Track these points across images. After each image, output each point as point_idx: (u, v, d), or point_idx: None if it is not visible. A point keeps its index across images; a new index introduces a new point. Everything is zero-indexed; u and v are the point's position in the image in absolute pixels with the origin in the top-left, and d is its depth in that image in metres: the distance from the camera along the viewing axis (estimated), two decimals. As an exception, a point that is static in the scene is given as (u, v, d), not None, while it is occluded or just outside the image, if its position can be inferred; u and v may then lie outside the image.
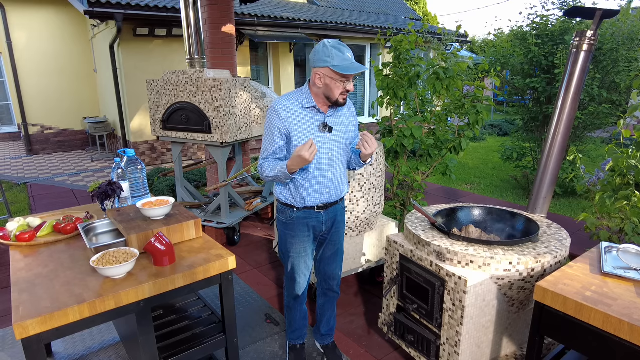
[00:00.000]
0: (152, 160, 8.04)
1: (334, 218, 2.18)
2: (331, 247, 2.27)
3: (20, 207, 5.53)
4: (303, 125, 1.97)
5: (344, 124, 2.07)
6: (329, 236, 2.23)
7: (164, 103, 3.94)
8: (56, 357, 2.50)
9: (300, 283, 2.25)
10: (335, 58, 1.81)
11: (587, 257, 1.80)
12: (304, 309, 2.38)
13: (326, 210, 2.12)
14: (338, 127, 2.03)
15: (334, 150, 2.02)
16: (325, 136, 1.99)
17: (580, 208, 5.25)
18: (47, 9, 8.99)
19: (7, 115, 11.12)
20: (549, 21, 5.40)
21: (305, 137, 1.96)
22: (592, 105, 5.11)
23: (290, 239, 2.14)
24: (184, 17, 3.86)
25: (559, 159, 2.54)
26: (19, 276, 1.66)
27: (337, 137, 2.03)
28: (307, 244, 2.16)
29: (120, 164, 2.28)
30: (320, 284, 2.38)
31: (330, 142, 2.01)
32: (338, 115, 2.05)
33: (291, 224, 2.11)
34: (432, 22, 20.34)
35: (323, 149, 1.99)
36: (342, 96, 1.93)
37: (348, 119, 2.10)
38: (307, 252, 2.18)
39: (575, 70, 2.41)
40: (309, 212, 2.09)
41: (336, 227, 2.22)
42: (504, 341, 2.15)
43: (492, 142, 10.10)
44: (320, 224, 2.14)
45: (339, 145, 2.04)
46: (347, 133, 2.08)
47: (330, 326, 2.45)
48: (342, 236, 2.29)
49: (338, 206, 2.19)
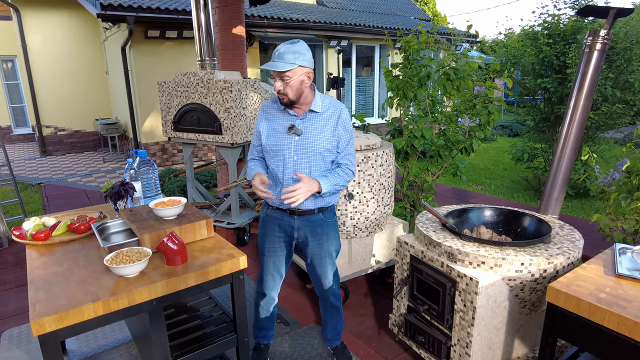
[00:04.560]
0: (163, 161, 8.12)
1: (310, 228, 2.11)
2: (317, 262, 2.21)
3: (34, 207, 5.62)
4: (274, 125, 2.03)
5: (317, 128, 1.99)
6: (309, 248, 2.17)
7: (175, 104, 3.98)
8: (70, 354, 2.54)
9: (266, 282, 2.25)
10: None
11: (601, 258, 1.78)
12: (271, 311, 2.35)
13: (300, 217, 2.08)
14: (310, 132, 1.98)
15: (300, 154, 1.98)
16: (292, 138, 1.98)
17: (592, 209, 5.18)
18: (60, 12, 9.13)
19: (22, 117, 11.34)
20: (561, 20, 5.35)
21: (272, 137, 2.02)
22: (605, 105, 5.04)
23: (263, 236, 2.19)
24: (194, 19, 3.89)
25: (571, 159, 2.51)
26: (36, 274, 1.69)
27: (306, 141, 1.98)
28: (278, 244, 2.17)
29: (132, 164, 2.30)
30: (317, 291, 2.35)
31: (298, 145, 1.98)
32: (314, 119, 1.99)
33: (265, 221, 2.18)
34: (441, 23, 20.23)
35: (289, 151, 1.99)
36: (278, 95, 1.92)
37: (326, 123, 2.00)
38: (277, 253, 2.18)
39: (588, 69, 2.39)
40: (282, 213, 2.11)
41: (317, 240, 2.14)
42: (515, 343, 2.13)
43: (502, 143, 10.02)
44: (291, 228, 2.12)
45: (308, 150, 1.98)
46: (318, 139, 1.98)
47: (336, 331, 2.42)
48: (328, 251, 2.19)
49: (316, 217, 2.10)
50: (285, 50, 1.84)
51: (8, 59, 10.72)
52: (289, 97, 1.91)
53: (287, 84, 1.87)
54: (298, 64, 1.85)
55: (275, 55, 1.85)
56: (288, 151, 1.99)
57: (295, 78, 1.87)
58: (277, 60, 1.83)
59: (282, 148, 2.00)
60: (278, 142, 2.01)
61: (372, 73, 11.42)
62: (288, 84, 1.87)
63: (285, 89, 1.88)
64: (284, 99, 1.92)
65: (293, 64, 1.84)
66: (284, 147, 1.99)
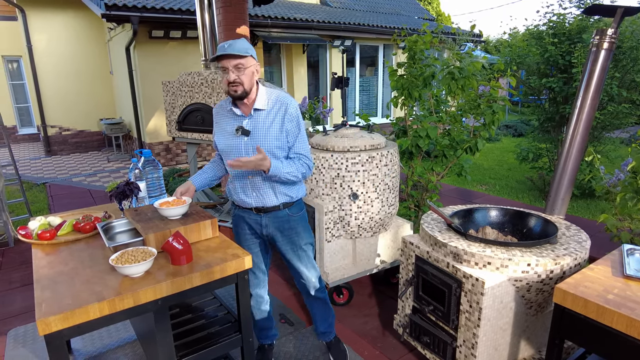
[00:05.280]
0: (167, 161, 8.14)
1: (277, 224, 2.11)
2: (289, 256, 2.20)
3: (39, 207, 5.65)
4: (223, 126, 2.03)
5: (265, 126, 1.96)
6: (280, 245, 2.17)
7: (180, 104, 3.98)
8: (75, 354, 2.55)
9: (250, 280, 2.25)
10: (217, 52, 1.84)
11: (608, 259, 1.76)
12: (265, 309, 2.36)
13: (266, 214, 2.08)
14: (258, 131, 1.96)
15: (251, 154, 1.96)
16: (241, 139, 1.97)
17: (598, 209, 5.14)
18: (65, 12, 9.17)
19: (27, 117, 11.40)
20: (566, 19, 5.31)
21: (222, 138, 2.04)
22: (611, 104, 5.01)
23: (237, 235, 2.22)
24: (199, 19, 3.90)
25: (577, 159, 2.49)
26: (41, 274, 1.70)
27: (255, 141, 1.96)
28: (251, 242, 2.19)
29: (137, 164, 2.31)
30: (298, 287, 2.35)
31: (247, 146, 1.96)
32: (260, 117, 1.96)
33: (235, 220, 2.20)
34: (445, 22, 20.18)
35: (239, 153, 1.98)
36: (230, 87, 1.87)
37: (273, 120, 1.96)
38: (252, 249, 2.20)
39: (595, 69, 2.37)
40: (248, 212, 2.13)
41: (287, 235, 2.13)
42: (521, 344, 2.12)
43: (507, 143, 9.98)
44: (259, 226, 2.12)
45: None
46: (267, 137, 1.95)
47: (327, 323, 2.41)
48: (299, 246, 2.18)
49: (281, 212, 2.09)
50: (232, 42, 1.82)
51: (13, 59, 10.78)
52: (244, 87, 1.87)
53: (243, 73, 1.84)
54: (250, 54, 1.85)
55: (224, 47, 1.81)
56: (238, 152, 1.98)
57: (249, 68, 1.86)
58: (229, 49, 1.79)
59: (232, 150, 1.99)
60: (228, 144, 2.01)
61: (376, 73, 11.40)
62: (243, 73, 1.84)
63: (240, 77, 1.84)
64: (238, 90, 1.86)
65: (246, 52, 1.83)
66: (234, 149, 1.99)
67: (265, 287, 2.34)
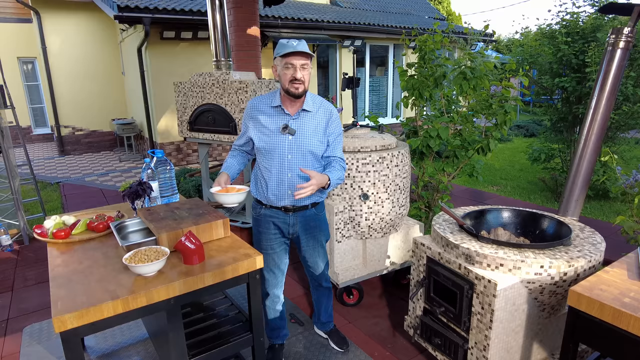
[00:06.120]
0: (178, 161, 8.20)
1: (305, 223, 2.17)
2: (310, 253, 2.28)
3: (53, 206, 5.73)
4: (267, 124, 2.02)
5: (310, 127, 2.03)
6: (303, 241, 2.23)
7: (191, 105, 4.01)
8: (89, 351, 2.58)
9: (268, 280, 2.29)
10: (279, 48, 1.88)
11: (624, 262, 1.74)
12: (279, 309, 2.39)
13: (294, 214, 2.13)
14: (303, 131, 2.01)
15: (294, 152, 2.01)
16: (286, 138, 2.00)
17: (613, 211, 5.06)
18: (79, 14, 9.30)
19: (41, 117, 11.58)
20: (580, 18, 5.24)
21: (263, 136, 2.02)
22: (626, 104, 4.92)
23: (259, 235, 2.21)
24: (210, 20, 3.92)
25: (592, 160, 2.46)
26: (57, 272, 1.72)
27: (300, 140, 2.01)
28: (275, 242, 2.20)
29: (150, 164, 2.33)
30: (310, 280, 2.47)
31: (292, 144, 2.01)
32: (306, 118, 2.03)
33: (259, 220, 2.19)
34: (456, 22, 20.03)
35: (283, 151, 2.01)
36: (292, 85, 1.90)
37: (318, 123, 2.04)
38: (274, 249, 2.22)
39: (610, 68, 2.33)
40: (276, 211, 2.13)
41: (311, 233, 2.21)
42: (534, 347, 2.09)
43: (518, 143, 9.87)
44: (286, 225, 2.16)
45: (302, 149, 2.02)
46: (312, 137, 2.02)
47: (328, 314, 2.56)
48: (321, 241, 2.29)
49: (309, 212, 2.16)
50: (300, 42, 1.87)
51: (28, 60, 10.96)
52: (305, 87, 1.93)
53: (307, 73, 1.91)
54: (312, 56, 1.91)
55: (293, 44, 1.85)
56: (282, 150, 2.01)
57: (310, 70, 1.93)
58: (300, 47, 1.84)
59: (276, 147, 2.01)
60: (272, 141, 2.02)
61: (386, 73, 11.36)
62: (307, 73, 1.91)
63: (304, 76, 1.90)
64: (300, 88, 1.92)
65: (312, 54, 1.89)
66: (278, 147, 2.01)
67: (282, 287, 2.37)
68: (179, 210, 2.12)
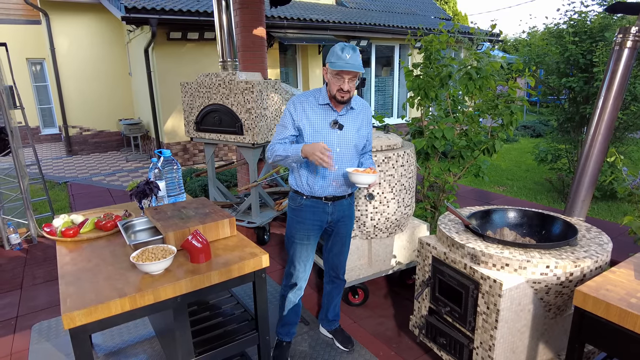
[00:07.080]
0: (184, 161, 8.25)
1: (341, 212, 2.29)
2: (338, 240, 2.39)
3: (61, 205, 5.79)
4: (316, 120, 2.12)
5: (356, 124, 2.19)
6: (335, 228, 2.34)
7: (198, 105, 4.04)
8: (96, 349, 2.61)
9: (298, 271, 2.33)
10: (332, 56, 1.96)
11: (631, 262, 1.73)
12: (298, 304, 2.42)
13: (333, 203, 2.24)
14: (349, 126, 2.16)
15: (342, 146, 2.15)
16: (335, 132, 2.13)
17: (620, 212, 5.02)
18: (87, 16, 9.39)
19: (50, 117, 11.70)
20: (588, 17, 5.20)
21: (316, 131, 2.11)
22: (634, 104, 4.88)
23: (297, 224, 2.26)
24: (217, 21, 3.95)
25: (599, 160, 2.45)
26: (66, 270, 1.75)
27: (347, 135, 2.15)
28: (312, 232, 2.26)
29: (157, 164, 2.35)
30: (328, 272, 2.51)
31: (340, 139, 2.14)
32: (352, 115, 2.18)
33: (299, 211, 2.25)
34: (462, 22, 19.96)
35: (332, 144, 2.12)
36: (338, 94, 2.03)
37: (362, 120, 2.22)
38: (309, 240, 2.28)
39: (617, 68, 2.32)
40: (317, 201, 2.21)
41: (343, 221, 2.34)
42: (539, 347, 2.09)
43: (525, 144, 9.82)
44: (326, 214, 2.25)
45: (348, 143, 2.16)
46: (358, 133, 2.19)
47: (336, 312, 2.61)
48: (350, 230, 2.41)
49: (345, 201, 2.29)
50: (353, 54, 1.95)
51: (37, 61, 11.07)
52: (350, 95, 2.06)
53: (354, 83, 2.03)
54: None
55: (347, 58, 1.93)
56: (332, 144, 2.12)
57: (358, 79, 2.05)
58: (354, 62, 1.94)
59: (326, 142, 2.11)
60: (323, 136, 2.11)
61: (392, 73, 11.35)
62: (354, 83, 2.03)
63: (351, 88, 2.03)
64: (344, 97, 2.04)
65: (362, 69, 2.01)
66: (328, 141, 2.11)
67: (307, 280, 2.41)
68: (186, 209, 2.14)
